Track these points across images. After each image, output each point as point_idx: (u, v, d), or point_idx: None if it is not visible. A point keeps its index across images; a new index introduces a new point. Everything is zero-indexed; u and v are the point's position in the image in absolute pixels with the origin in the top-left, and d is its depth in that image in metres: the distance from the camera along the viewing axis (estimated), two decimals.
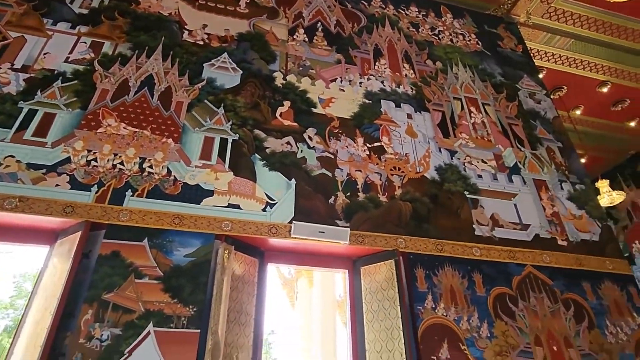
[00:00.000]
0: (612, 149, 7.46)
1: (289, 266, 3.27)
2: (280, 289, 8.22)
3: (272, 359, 16.29)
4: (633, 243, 7.36)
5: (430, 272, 3.25)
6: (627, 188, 7.58)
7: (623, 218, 7.61)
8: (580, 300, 3.44)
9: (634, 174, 7.51)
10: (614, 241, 3.93)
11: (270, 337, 16.73)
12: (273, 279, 8.05)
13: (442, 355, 2.90)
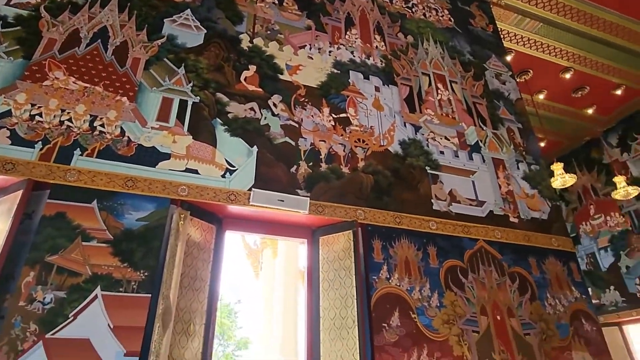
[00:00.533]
0: (569, 134, 7.79)
1: (248, 234, 3.24)
2: (245, 259, 8.22)
3: (238, 327, 16.57)
4: (580, 224, 7.84)
5: (387, 244, 3.32)
6: (579, 172, 7.99)
7: (574, 201, 8.06)
8: (525, 274, 3.64)
9: (587, 159, 7.91)
10: (560, 220, 4.15)
11: (236, 306, 16.93)
12: (238, 249, 8.03)
13: (392, 322, 3.01)
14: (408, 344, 2.96)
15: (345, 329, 2.95)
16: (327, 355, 2.94)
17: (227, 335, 15.76)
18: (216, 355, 15.71)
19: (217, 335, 16.10)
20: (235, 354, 15.64)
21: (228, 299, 16.26)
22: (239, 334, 15.85)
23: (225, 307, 16.55)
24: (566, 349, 3.41)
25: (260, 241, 7.72)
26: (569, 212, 8.11)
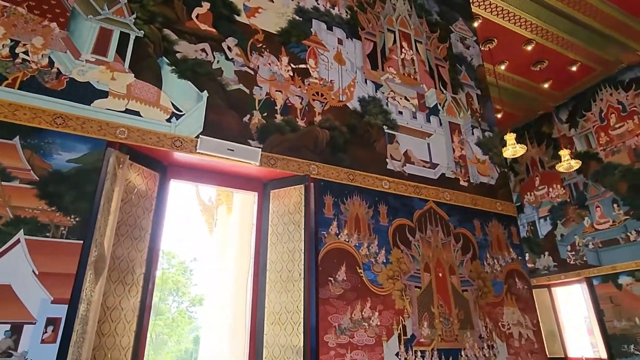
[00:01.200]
0: (524, 107, 8.03)
1: (195, 184, 3.09)
2: (200, 215, 8.04)
3: (193, 284, 16.56)
4: (525, 194, 8.29)
5: (339, 200, 3.29)
6: (530, 145, 8.34)
7: (522, 172, 8.46)
8: (469, 235, 3.78)
9: (538, 133, 8.24)
10: (506, 186, 4.31)
11: (192, 264, 16.84)
12: (192, 205, 7.81)
13: (339, 276, 3.03)
14: (352, 297, 3.02)
15: (291, 281, 2.95)
16: (272, 307, 2.94)
17: (181, 292, 15.74)
18: (170, 311, 15.73)
19: (172, 292, 16.05)
20: (189, 310, 15.73)
21: (184, 257, 16.11)
22: (194, 291, 15.89)
23: (180, 264, 16.43)
24: (498, 305, 3.64)
25: (215, 197, 7.54)
26: (516, 183, 8.53)
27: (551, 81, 7.29)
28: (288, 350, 2.77)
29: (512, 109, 8.17)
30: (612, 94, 7.05)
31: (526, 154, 8.45)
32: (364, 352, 2.90)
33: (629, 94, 6.79)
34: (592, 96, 7.34)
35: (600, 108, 7.20)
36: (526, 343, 3.62)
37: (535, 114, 8.26)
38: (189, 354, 13.83)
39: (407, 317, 3.17)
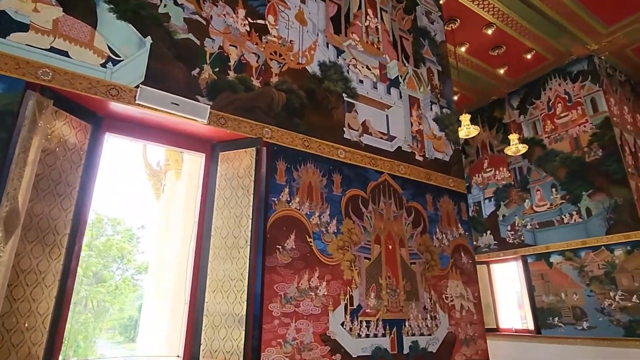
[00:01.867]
0: (480, 91, 8.18)
1: (135, 140, 2.78)
2: (146, 179, 7.56)
3: (139, 252, 15.90)
4: (474, 176, 8.57)
5: (292, 167, 3.12)
6: (482, 129, 8.57)
7: (472, 154, 8.72)
8: (420, 209, 3.78)
9: (490, 117, 8.47)
10: (459, 163, 4.34)
11: (139, 231, 16.13)
12: (138, 168, 7.30)
13: (287, 245, 2.90)
14: (300, 266, 2.90)
15: (236, 248, 2.77)
16: (215, 275, 2.76)
17: (127, 260, 15.10)
18: (114, 278, 15.08)
19: (116, 259, 15.37)
20: (134, 277, 15.16)
21: (131, 224, 15.39)
22: (140, 259, 15.29)
23: (127, 231, 15.70)
24: (444, 278, 3.70)
25: (164, 162, 7.10)
26: (466, 164, 8.79)
27: (507, 67, 7.43)
28: (229, 319, 2.62)
29: (469, 92, 8.29)
30: (560, 84, 7.33)
31: (477, 137, 8.69)
32: (309, 321, 2.82)
33: (576, 85, 7.09)
34: (543, 85, 7.60)
35: (548, 97, 7.48)
36: (466, 314, 3.73)
37: (489, 98, 8.45)
38: (132, 321, 13.41)
39: (355, 288, 3.12)
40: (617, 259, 6.13)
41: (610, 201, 6.33)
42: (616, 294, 6.05)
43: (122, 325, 14.52)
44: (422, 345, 3.32)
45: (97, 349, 12.86)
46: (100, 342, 13.38)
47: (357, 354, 2.97)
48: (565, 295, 6.67)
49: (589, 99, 6.90)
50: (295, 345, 2.71)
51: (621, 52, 6.96)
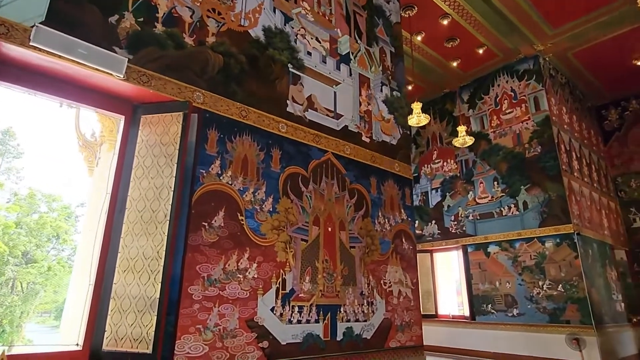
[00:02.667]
0: (433, 83, 8.19)
1: (30, 91, 2.31)
2: (78, 151, 6.85)
3: (77, 231, 14.74)
4: (423, 166, 8.64)
5: (226, 137, 2.80)
6: (433, 121, 8.64)
7: (423, 145, 8.77)
8: (364, 192, 3.60)
9: (442, 110, 8.54)
10: (406, 148, 4.22)
11: (79, 209, 14.92)
12: (68, 140, 6.60)
13: (215, 222, 2.59)
14: (229, 245, 2.61)
15: (154, 223, 2.42)
16: (127, 253, 2.39)
17: (62, 239, 13.94)
18: (47, 259, 13.90)
19: (51, 239, 14.17)
20: (72, 258, 14.03)
21: (69, 200, 14.19)
22: (78, 239, 14.15)
23: (64, 209, 14.46)
24: (383, 263, 3.56)
25: (99, 134, 6.45)
26: (417, 154, 8.84)
27: (460, 60, 7.46)
28: (140, 302, 2.28)
29: (423, 83, 8.27)
30: (507, 81, 7.49)
31: (428, 129, 8.74)
32: (234, 306, 2.55)
33: (521, 84, 7.26)
34: (492, 81, 7.73)
35: (496, 93, 7.63)
36: (404, 300, 3.63)
37: (441, 91, 8.49)
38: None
39: (289, 271, 2.89)
40: (547, 250, 6.40)
41: (545, 196, 6.58)
42: (544, 283, 6.32)
43: (59, 309, 13.43)
44: (356, 332, 3.16)
45: (25, 334, 11.82)
46: (32, 327, 12.32)
47: (287, 340, 2.75)
48: (499, 284, 6.90)
49: (532, 97, 7.10)
50: (217, 332, 2.43)
51: (564, 54, 7.20)
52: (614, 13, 6.13)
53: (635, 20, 6.24)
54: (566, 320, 5.99)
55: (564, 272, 6.17)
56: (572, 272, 6.08)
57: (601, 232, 7.06)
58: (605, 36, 6.70)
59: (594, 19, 6.31)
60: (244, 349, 2.53)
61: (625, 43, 6.87)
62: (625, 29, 6.48)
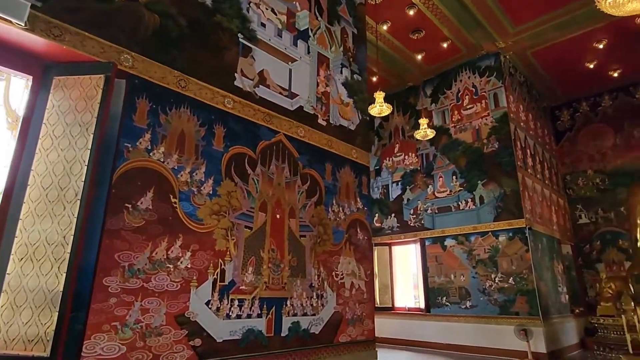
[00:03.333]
0: (398, 75, 8.06)
1: None
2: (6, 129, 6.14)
3: None
4: (385, 159, 8.53)
5: (159, 108, 2.42)
6: (396, 114, 8.53)
7: (385, 137, 8.66)
8: (317, 178, 3.33)
9: (405, 103, 8.45)
10: (365, 134, 4.00)
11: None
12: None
13: (141, 204, 2.23)
14: (157, 231, 2.26)
15: (61, 203, 2.03)
16: (26, 237, 1.98)
17: None
18: None
19: None
20: None
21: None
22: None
23: None
24: (336, 254, 3.32)
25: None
26: (379, 147, 8.71)
27: (424, 53, 7.34)
28: (39, 296, 1.89)
29: (387, 75, 8.11)
30: (469, 77, 7.48)
31: (391, 121, 8.63)
32: (161, 299, 2.21)
33: (482, 80, 7.27)
34: (455, 76, 7.70)
35: (458, 88, 7.61)
36: (356, 293, 3.42)
37: (405, 84, 8.38)
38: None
39: (229, 261, 2.57)
40: (500, 244, 6.46)
41: (500, 191, 6.62)
42: (496, 276, 6.38)
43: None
44: (304, 326, 2.91)
45: None
46: None
47: (224, 337, 2.44)
48: (454, 277, 6.92)
49: (492, 94, 7.12)
50: (138, 330, 2.08)
51: (523, 53, 7.26)
52: (572, 13, 6.20)
53: (592, 22, 6.36)
54: (515, 312, 6.07)
55: (515, 265, 6.24)
56: (522, 265, 6.17)
57: (550, 227, 7.24)
58: (563, 37, 6.80)
59: (554, 19, 6.37)
60: (171, 348, 2.20)
61: (580, 46, 7.02)
62: (582, 30, 6.60)
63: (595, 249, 7.93)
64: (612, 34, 6.70)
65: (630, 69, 7.61)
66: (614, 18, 6.18)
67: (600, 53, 7.17)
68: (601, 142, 8.25)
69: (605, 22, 6.34)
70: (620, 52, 7.12)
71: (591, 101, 8.55)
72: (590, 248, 8.00)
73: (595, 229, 8.01)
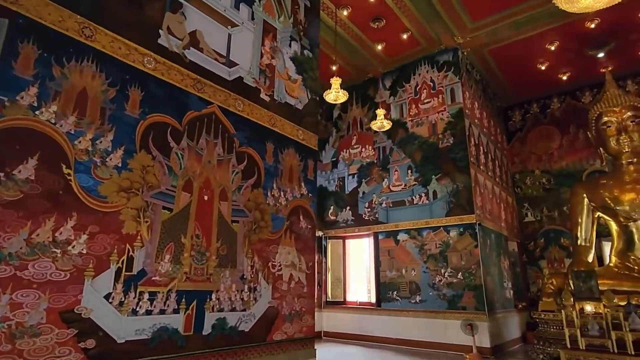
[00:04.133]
0: (357, 66, 7.84)
1: None
2: None
3: None
4: (342, 151, 8.30)
5: (53, 58, 1.96)
6: (355, 105, 8.33)
7: (343, 129, 8.43)
8: (257, 158, 2.98)
9: (364, 95, 8.25)
10: (314, 115, 3.69)
11: None
12: None
13: (20, 173, 1.77)
14: (41, 208, 1.81)
15: None
16: None
17: None
18: None
19: None
20: None
21: None
22: None
23: None
24: (274, 242, 2.99)
25: None
26: (337, 138, 8.47)
27: (384, 44, 7.15)
28: None
29: (346, 65, 7.86)
30: (428, 71, 7.39)
31: (350, 113, 8.41)
32: (41, 292, 1.77)
33: (440, 74, 7.20)
34: (414, 70, 7.59)
35: (417, 82, 7.50)
36: (296, 286, 3.11)
37: (365, 75, 8.18)
38: None
39: (140, 247, 2.16)
40: (451, 239, 6.42)
41: (453, 186, 6.58)
42: (446, 271, 6.34)
43: None
44: (231, 323, 2.55)
45: None
46: None
47: (127, 337, 2.04)
48: (405, 271, 6.82)
49: (449, 89, 7.07)
50: (4, 330, 1.64)
51: (480, 51, 7.26)
52: (529, 12, 6.23)
53: (547, 22, 6.43)
54: (463, 307, 6.05)
55: (465, 260, 6.22)
56: (471, 260, 6.15)
57: (499, 224, 7.33)
58: (518, 37, 6.85)
59: (510, 16, 6.38)
60: (52, 351, 1.77)
61: (534, 46, 7.12)
62: (537, 30, 6.67)
63: (538, 247, 8.16)
64: (563, 36, 6.84)
65: (577, 73, 7.86)
66: (568, 19, 6.29)
67: (551, 55, 7.32)
68: (548, 143, 8.49)
69: (559, 23, 6.43)
70: (569, 55, 7.31)
71: (541, 103, 8.79)
72: (534, 245, 8.22)
73: (540, 227, 8.25)
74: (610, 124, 5.52)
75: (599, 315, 4.23)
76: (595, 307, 4.27)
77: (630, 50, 7.12)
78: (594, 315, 4.18)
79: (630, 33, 6.68)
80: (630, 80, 7.75)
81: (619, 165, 5.56)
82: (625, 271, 5.10)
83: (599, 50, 7.05)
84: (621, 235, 5.39)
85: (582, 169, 7.99)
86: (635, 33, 6.67)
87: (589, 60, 7.33)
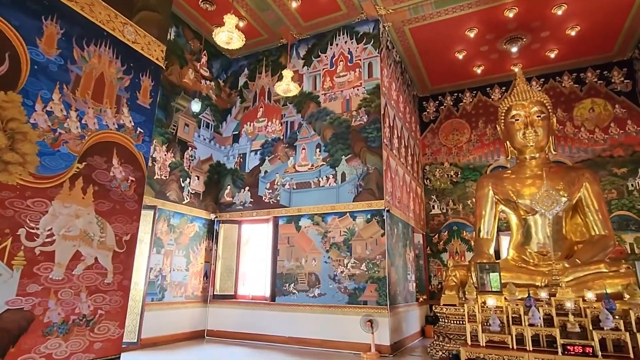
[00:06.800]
0: (270, 29, 6.64)
1: None
2: None
3: None
4: (245, 124, 7.03)
5: None
6: (264, 74, 7.12)
7: (249, 99, 7.16)
8: (14, 38, 1.60)
9: (275, 62, 7.09)
10: (163, 13, 2.39)
11: None
12: None
13: None
14: None
15: None
16: None
17: None
18: None
19: None
20: None
21: None
22: None
23: None
24: (39, 194, 1.64)
25: None
26: (240, 109, 7.16)
27: (300, 2, 6.05)
28: None
29: (257, 25, 6.61)
30: (346, 42, 6.50)
31: (257, 82, 7.20)
32: None
33: (359, 47, 6.36)
34: (331, 39, 6.64)
35: (333, 52, 6.56)
36: (88, 273, 1.80)
37: (278, 41, 7.02)
38: None
39: None
40: (357, 226, 5.59)
41: (363, 168, 5.77)
42: (349, 262, 5.49)
43: None
44: None
45: None
46: None
47: None
48: (305, 261, 5.82)
49: (367, 62, 6.25)
50: None
51: (401, 28, 6.58)
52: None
53: (469, 2, 5.92)
54: (364, 301, 5.25)
55: (370, 250, 5.42)
56: (376, 250, 5.38)
57: (407, 213, 6.73)
58: (440, 16, 6.28)
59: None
60: None
61: (453, 31, 6.64)
62: (458, 13, 6.15)
63: (442, 239, 7.83)
64: (482, 24, 6.44)
65: (490, 68, 7.66)
66: (489, 3, 5.85)
67: (469, 44, 6.94)
68: (459, 136, 8.23)
69: (481, 6, 5.98)
70: (485, 47, 7.00)
71: (455, 97, 8.52)
72: (438, 238, 7.87)
73: (445, 219, 7.92)
74: (518, 117, 5.20)
75: (499, 310, 3.75)
76: (497, 299, 3.80)
77: (540, 49, 7.04)
78: (495, 310, 3.70)
79: (542, 30, 6.54)
80: (535, 82, 7.78)
81: (522, 159, 5.28)
82: (522, 264, 4.81)
83: (513, 45, 6.84)
84: (520, 229, 5.11)
85: (487, 163, 7.83)
86: (546, 30, 6.54)
87: (502, 55, 7.13)
